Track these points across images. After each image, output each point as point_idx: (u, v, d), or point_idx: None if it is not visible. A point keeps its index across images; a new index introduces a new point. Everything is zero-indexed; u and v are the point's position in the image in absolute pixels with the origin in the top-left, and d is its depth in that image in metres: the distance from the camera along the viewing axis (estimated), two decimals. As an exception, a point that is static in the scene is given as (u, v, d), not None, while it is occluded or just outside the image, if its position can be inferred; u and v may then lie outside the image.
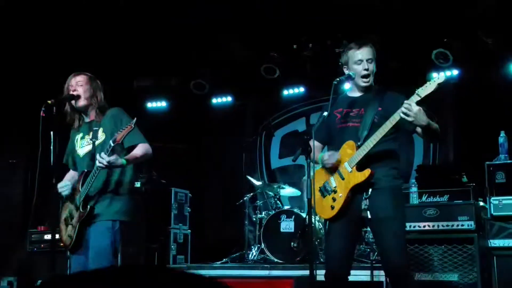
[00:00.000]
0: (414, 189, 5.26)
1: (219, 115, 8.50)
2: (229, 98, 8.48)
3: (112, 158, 3.51)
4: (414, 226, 5.05)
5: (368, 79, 3.59)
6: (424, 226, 5.02)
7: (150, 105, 8.61)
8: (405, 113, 3.25)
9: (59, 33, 6.73)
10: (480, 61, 6.88)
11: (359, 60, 3.57)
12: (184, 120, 8.44)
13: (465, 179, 5.36)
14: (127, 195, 3.80)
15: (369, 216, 3.43)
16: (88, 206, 3.68)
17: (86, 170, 3.75)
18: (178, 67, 7.91)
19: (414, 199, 5.23)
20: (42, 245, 6.21)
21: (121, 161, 3.60)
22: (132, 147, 3.74)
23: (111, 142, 3.51)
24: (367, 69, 3.56)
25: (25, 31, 6.58)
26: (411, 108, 3.22)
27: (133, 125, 3.49)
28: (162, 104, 8.59)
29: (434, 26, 6.68)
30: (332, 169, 3.58)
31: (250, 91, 8.32)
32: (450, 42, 6.77)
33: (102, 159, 3.49)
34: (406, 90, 3.47)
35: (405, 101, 3.27)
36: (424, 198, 5.27)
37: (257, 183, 7.00)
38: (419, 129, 3.41)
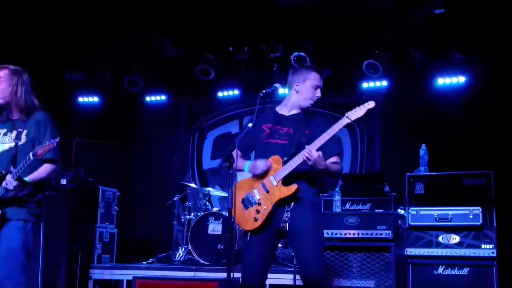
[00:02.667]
0: (337, 197, 5.41)
1: (152, 114, 8.42)
2: (163, 97, 8.42)
3: (18, 185, 3.55)
4: (336, 234, 5.21)
5: (313, 102, 3.77)
6: (346, 234, 5.19)
7: (82, 99, 8.41)
8: (307, 157, 3.45)
9: None
10: (408, 74, 7.16)
11: (317, 85, 3.75)
12: (116, 117, 8.30)
13: (387, 188, 5.56)
14: (39, 200, 3.76)
15: (287, 229, 3.53)
16: (1, 211, 3.62)
17: (4, 172, 3.65)
18: (112, 62, 7.77)
19: (337, 207, 5.39)
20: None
21: (27, 187, 3.63)
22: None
23: (31, 155, 3.50)
24: (318, 97, 3.76)
25: None
26: (311, 154, 3.43)
27: (55, 144, 3.46)
28: (94, 99, 8.41)
29: (366, 37, 6.90)
30: (256, 182, 3.65)
31: (184, 91, 8.30)
32: (380, 54, 7.00)
33: (9, 185, 3.53)
34: (336, 99, 3.60)
35: (306, 147, 3.47)
36: (347, 206, 5.44)
37: (191, 185, 7.01)
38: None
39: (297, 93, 3.74)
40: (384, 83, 7.37)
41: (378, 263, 5.05)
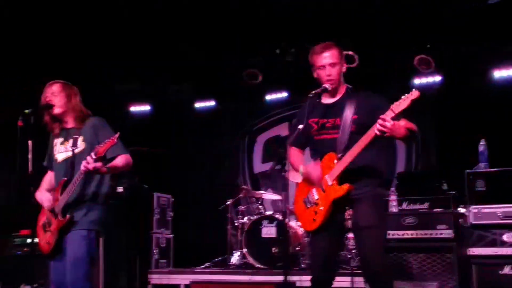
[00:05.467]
0: (393, 197, 5.28)
1: (202, 119, 8.50)
2: (212, 103, 8.47)
3: (98, 164, 3.56)
4: (393, 234, 5.08)
5: (332, 82, 3.56)
6: (403, 235, 5.06)
7: (133, 109, 8.58)
8: (380, 130, 3.24)
9: (43, 38, 6.68)
10: (462, 67, 6.94)
11: (322, 66, 3.56)
12: (167, 124, 8.42)
13: (445, 187, 5.39)
14: (104, 206, 3.84)
15: (350, 226, 3.47)
16: (68, 215, 3.71)
17: (65, 179, 3.76)
18: (162, 71, 7.88)
19: (393, 207, 5.26)
20: (25, 249, 6.17)
21: (105, 168, 3.66)
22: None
23: (92, 154, 3.55)
24: (329, 75, 3.55)
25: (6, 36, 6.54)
26: (385, 125, 3.21)
27: (116, 140, 3.52)
28: (145, 108, 8.56)
29: (417, 32, 6.72)
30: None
31: (233, 95, 8.33)
32: (432, 48, 6.81)
33: (88, 163, 3.52)
34: (386, 96, 3.47)
35: (380, 117, 3.25)
36: (404, 206, 5.30)
37: (243, 187, 7.03)
38: None
39: (328, 88, 3.57)
40: (437, 78, 7.17)
41: (440, 264, 4.89)
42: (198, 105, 8.52)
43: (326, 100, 3.66)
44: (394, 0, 6.19)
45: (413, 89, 3.25)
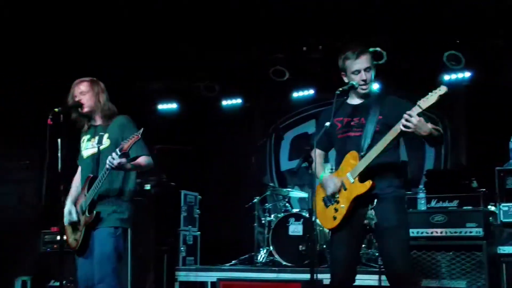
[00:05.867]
0: (422, 194, 5.22)
1: (229, 117, 8.52)
2: (239, 100, 8.50)
3: (123, 160, 3.61)
4: (422, 232, 5.03)
5: (366, 86, 3.58)
6: (432, 233, 5.00)
7: (161, 107, 8.65)
8: (405, 125, 3.22)
9: (73, 36, 6.79)
10: (493, 63, 6.80)
11: (356, 70, 3.56)
12: (194, 122, 8.47)
13: (475, 184, 5.30)
14: (130, 203, 3.90)
15: (372, 226, 3.44)
16: (94, 212, 3.77)
17: (91, 176, 3.82)
18: (189, 69, 7.93)
19: (422, 205, 5.20)
20: (54, 246, 6.27)
21: (129, 165, 3.72)
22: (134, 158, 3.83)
23: (118, 150, 3.59)
24: (364, 80, 3.55)
25: (38, 32, 6.65)
26: (411, 120, 3.20)
27: (139, 135, 3.56)
28: (172, 106, 8.63)
29: (446, 28, 6.62)
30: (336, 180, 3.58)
31: (259, 93, 8.33)
32: (462, 44, 6.70)
33: (113, 159, 3.57)
34: (415, 93, 3.43)
35: (406, 112, 3.23)
36: (433, 203, 5.23)
37: (271, 185, 7.04)
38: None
39: (356, 85, 3.56)
40: (467, 74, 7.04)
41: (469, 263, 4.83)
42: (225, 102, 8.55)
43: (353, 101, 3.67)
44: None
45: (441, 85, 3.21)
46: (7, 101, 7.40)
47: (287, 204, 6.89)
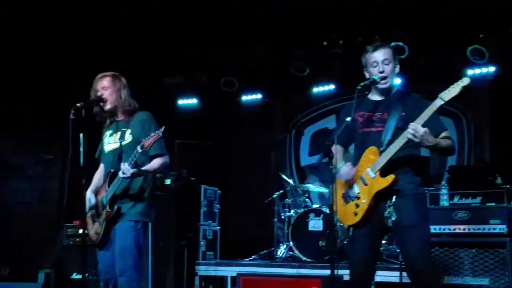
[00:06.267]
0: (444, 191, 5.15)
1: (249, 112, 8.50)
2: (259, 95, 8.48)
3: (136, 171, 3.69)
4: (444, 229, 4.97)
5: (385, 81, 3.54)
6: (455, 229, 4.94)
7: (181, 102, 8.68)
8: (412, 134, 3.24)
9: (96, 32, 6.84)
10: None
11: (374, 62, 3.54)
12: (214, 117, 8.48)
13: (499, 180, 5.22)
14: (150, 197, 3.93)
15: (390, 224, 3.40)
16: (115, 207, 3.80)
17: (112, 171, 3.85)
18: (209, 64, 7.94)
19: (444, 201, 5.13)
20: (77, 239, 6.32)
21: (143, 172, 3.80)
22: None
23: (138, 148, 3.65)
24: (382, 71, 3.52)
25: (59, 28, 6.72)
26: (417, 131, 3.22)
27: (160, 134, 3.59)
28: (192, 101, 8.65)
29: (469, 22, 6.51)
30: (356, 175, 3.55)
31: (279, 88, 8.30)
32: (485, 38, 6.58)
33: (126, 171, 3.66)
34: (438, 88, 3.39)
35: (411, 124, 3.25)
36: (455, 200, 5.17)
37: (289, 180, 7.02)
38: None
39: (377, 80, 3.54)
40: (491, 69, 6.92)
41: (492, 260, 4.76)
42: (244, 98, 8.54)
43: (375, 97, 3.64)
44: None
45: (464, 78, 3.18)
46: (28, 96, 7.50)
47: (307, 199, 6.87)
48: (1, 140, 7.58)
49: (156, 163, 3.87)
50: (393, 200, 3.41)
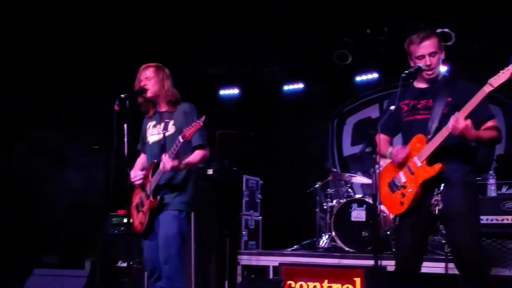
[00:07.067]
0: (492, 180, 5.02)
1: (291, 102, 8.47)
2: (301, 85, 8.42)
3: (175, 163, 3.73)
4: (492, 220, 4.85)
5: (432, 72, 3.48)
6: (503, 220, 4.81)
7: (223, 92, 8.72)
8: (453, 128, 3.18)
9: (139, 24, 6.92)
10: None
11: (421, 56, 3.47)
12: (256, 107, 8.48)
13: (550, 170, 5.05)
14: (193, 187, 3.97)
15: (436, 212, 3.32)
16: (159, 197, 3.85)
17: (156, 161, 3.90)
18: (251, 54, 7.93)
19: (492, 191, 5.00)
20: (121, 228, 6.46)
21: (183, 165, 3.83)
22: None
23: (180, 138, 3.68)
24: (429, 65, 3.46)
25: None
26: (458, 124, 3.16)
27: (201, 123, 3.61)
28: (234, 91, 8.67)
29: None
30: (401, 164, 3.49)
31: (322, 77, 8.22)
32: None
33: (166, 165, 3.72)
34: (486, 75, 3.29)
35: (452, 117, 3.19)
36: (504, 190, 5.03)
37: (332, 170, 6.97)
38: None
39: (422, 67, 3.48)
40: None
41: (542, 251, 4.61)
42: (287, 87, 8.50)
43: (420, 84, 3.58)
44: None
45: None
46: (75, 88, 7.66)
47: (349, 189, 6.81)
48: (50, 132, 7.79)
49: (196, 156, 3.91)
50: (441, 189, 3.34)
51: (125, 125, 3.78)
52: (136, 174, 4.03)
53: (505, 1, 6.17)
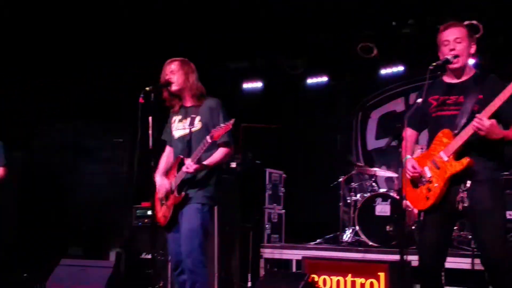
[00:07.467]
0: (520, 175, 4.92)
1: (314, 95, 8.42)
2: (325, 78, 8.36)
3: (198, 167, 3.78)
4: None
5: (457, 59, 3.40)
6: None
7: (246, 86, 8.71)
8: (477, 127, 3.14)
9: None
10: None
11: (446, 40, 3.42)
12: (279, 101, 8.45)
13: None
14: (216, 182, 3.98)
15: (461, 209, 3.28)
16: (183, 193, 3.87)
17: (182, 156, 3.91)
18: (273, 47, 7.90)
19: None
20: (145, 220, 6.50)
21: (205, 166, 3.85)
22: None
23: (208, 138, 3.70)
24: (453, 49, 3.38)
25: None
26: (482, 123, 3.12)
27: (230, 126, 3.63)
28: (257, 84, 8.65)
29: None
30: (427, 159, 3.44)
31: (345, 70, 8.15)
32: None
33: (189, 168, 3.76)
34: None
35: (477, 115, 3.15)
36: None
37: (356, 164, 6.92)
38: None
39: (450, 60, 3.42)
40: None
41: None
42: (310, 81, 8.46)
43: (450, 80, 3.51)
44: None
45: None
46: (100, 81, 7.73)
47: (373, 183, 6.75)
48: (74, 126, 7.88)
49: (219, 154, 3.91)
50: (467, 184, 3.29)
51: (150, 118, 3.79)
52: (161, 184, 4.03)
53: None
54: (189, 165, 3.77)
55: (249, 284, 6.20)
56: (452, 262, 5.07)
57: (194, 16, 6.90)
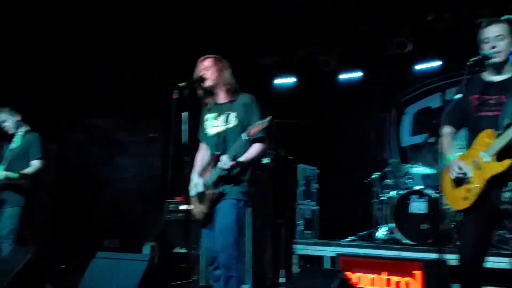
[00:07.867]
0: None
1: (348, 91, 8.34)
2: (359, 73, 8.27)
3: (234, 164, 3.79)
4: None
5: (498, 54, 3.31)
6: None
7: (278, 81, 8.68)
8: None
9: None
10: None
11: (486, 38, 3.33)
12: (312, 96, 8.40)
13: None
14: (251, 178, 3.98)
15: (503, 210, 3.21)
16: (219, 189, 3.89)
17: (217, 153, 3.92)
18: (307, 42, 7.85)
19: None
20: (178, 214, 6.56)
21: (241, 164, 3.85)
22: None
23: (243, 135, 3.72)
24: (494, 47, 3.30)
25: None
26: None
27: (267, 124, 3.64)
28: (290, 80, 8.61)
29: None
30: (468, 158, 3.36)
31: (380, 66, 8.04)
32: None
33: (225, 165, 3.77)
34: None
35: None
36: None
37: (391, 161, 6.83)
38: None
39: (489, 55, 3.34)
40: None
41: None
42: (343, 76, 8.38)
43: (490, 77, 3.42)
44: None
45: None
46: (135, 76, 7.81)
47: (408, 180, 6.63)
48: (109, 121, 8.00)
49: (254, 150, 3.90)
50: (508, 186, 3.20)
51: (184, 114, 3.81)
52: (198, 182, 4.03)
53: None
54: (225, 162, 3.78)
55: (281, 279, 6.18)
56: (492, 262, 4.95)
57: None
